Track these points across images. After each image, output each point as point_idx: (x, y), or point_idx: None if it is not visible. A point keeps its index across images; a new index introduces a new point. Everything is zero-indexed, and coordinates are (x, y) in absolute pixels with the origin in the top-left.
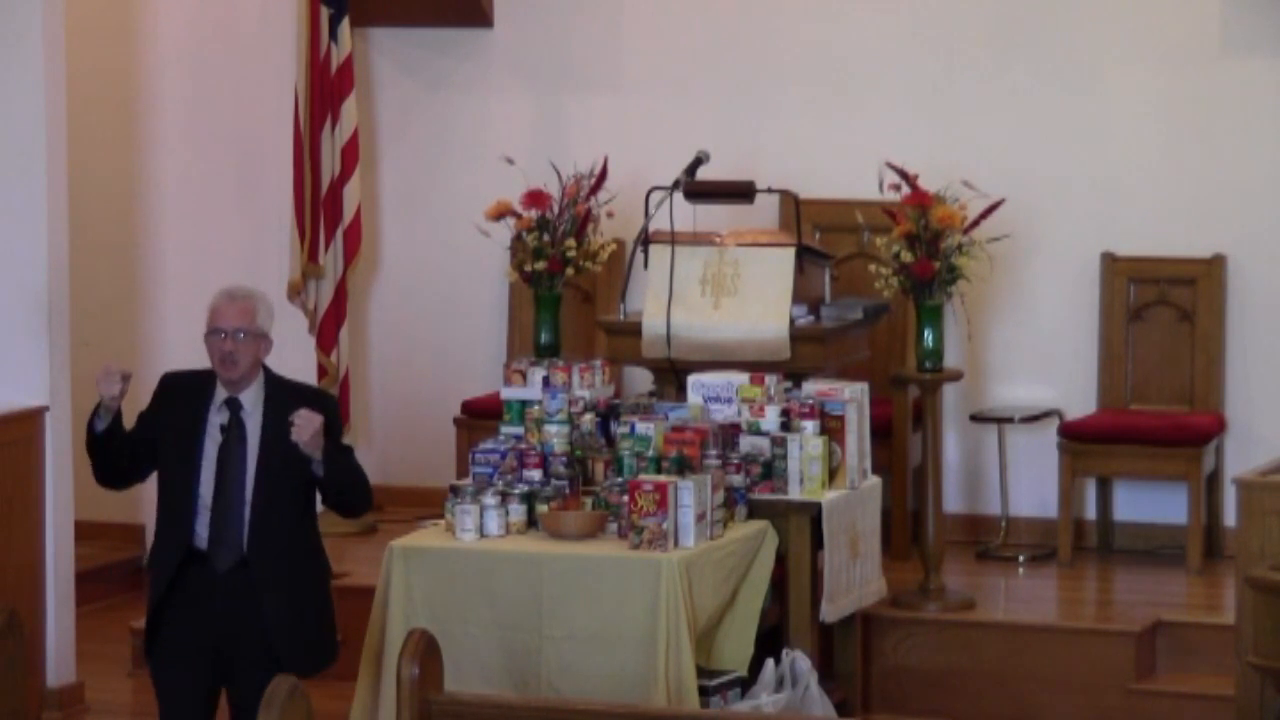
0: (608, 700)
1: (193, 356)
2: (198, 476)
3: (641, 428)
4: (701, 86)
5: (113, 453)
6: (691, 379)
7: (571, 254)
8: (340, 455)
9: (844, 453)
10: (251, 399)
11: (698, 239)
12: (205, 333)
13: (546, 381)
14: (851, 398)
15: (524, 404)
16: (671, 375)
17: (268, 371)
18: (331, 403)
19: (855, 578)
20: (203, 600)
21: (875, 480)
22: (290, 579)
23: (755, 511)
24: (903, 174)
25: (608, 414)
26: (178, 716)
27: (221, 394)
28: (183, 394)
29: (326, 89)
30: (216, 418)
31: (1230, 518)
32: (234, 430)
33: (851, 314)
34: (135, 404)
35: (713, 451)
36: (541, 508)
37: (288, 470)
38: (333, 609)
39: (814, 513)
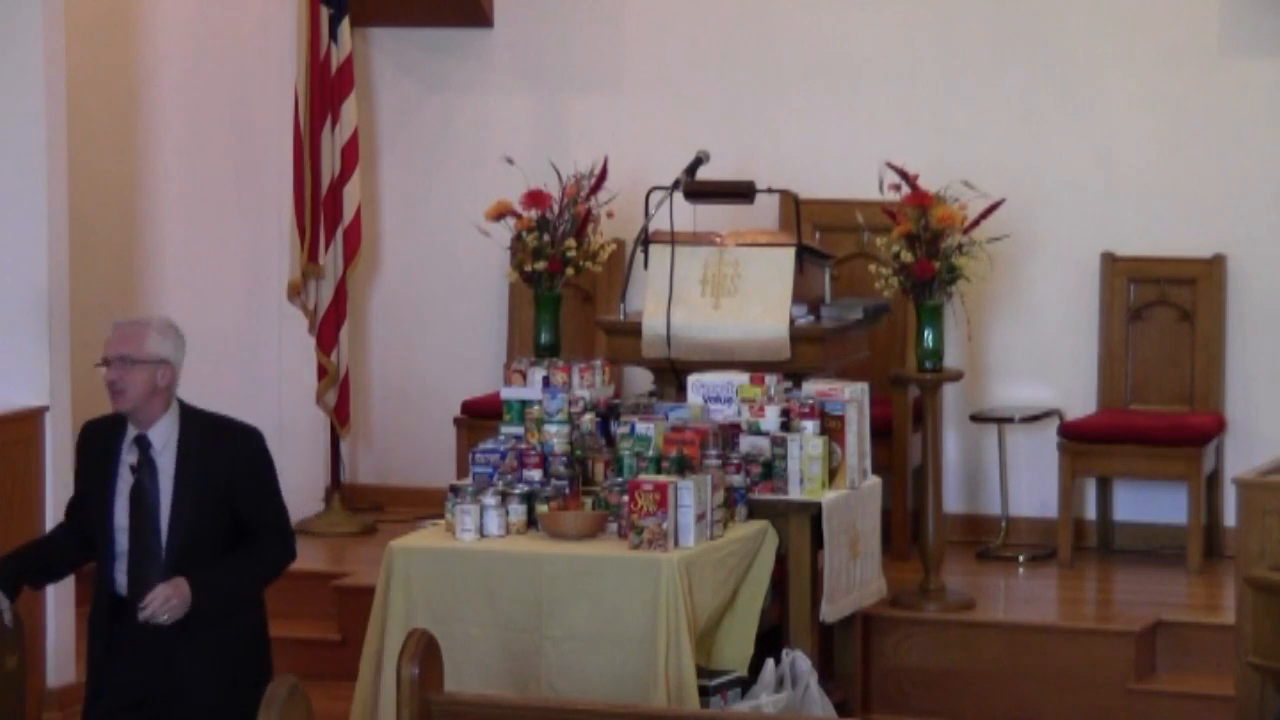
0: (608, 700)
1: (192, 357)
2: (112, 522)
3: (641, 428)
4: (701, 86)
5: (48, 572)
6: (691, 379)
7: (571, 254)
8: (225, 572)
9: (844, 453)
10: (163, 435)
11: (698, 239)
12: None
13: (546, 381)
14: (851, 398)
15: (524, 404)
16: (671, 375)
17: (183, 405)
18: (253, 441)
19: (855, 578)
20: (129, 652)
21: (875, 480)
22: (212, 628)
23: (755, 511)
24: (903, 174)
25: (608, 414)
26: None
27: (133, 432)
28: (97, 439)
29: (326, 89)
30: (128, 458)
31: (1230, 518)
32: (144, 469)
33: (851, 314)
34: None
35: (713, 451)
36: (541, 508)
37: (207, 509)
38: (268, 657)
39: (814, 513)
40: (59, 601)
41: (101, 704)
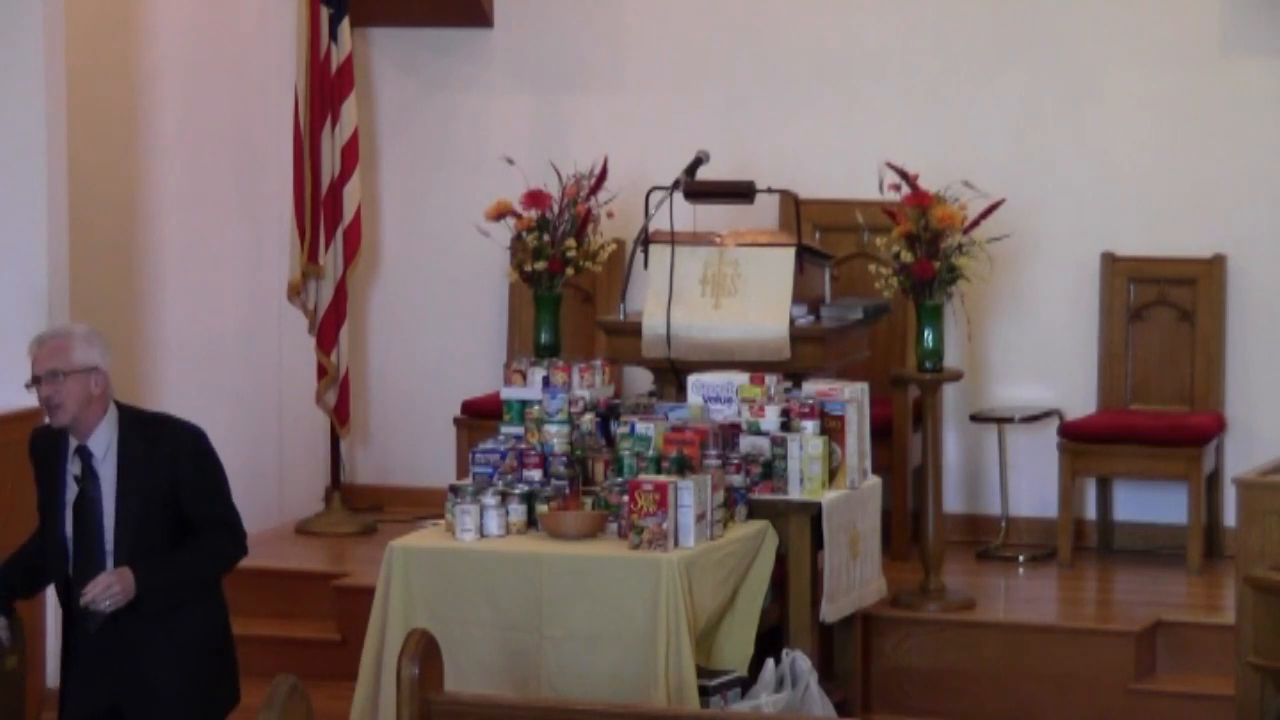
0: (608, 700)
1: (193, 357)
2: (63, 531)
3: (641, 428)
4: (701, 86)
5: (34, 577)
6: (691, 379)
7: (571, 254)
8: (169, 562)
9: (844, 453)
10: (103, 443)
11: (698, 239)
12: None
13: (546, 381)
14: (851, 398)
15: (524, 404)
16: (671, 375)
17: (121, 408)
18: (193, 439)
19: (855, 578)
20: (90, 660)
21: (875, 480)
22: (170, 629)
23: (755, 511)
24: (903, 174)
25: (608, 414)
26: None
27: (74, 443)
28: (44, 449)
29: (326, 89)
30: (71, 468)
31: (1230, 518)
32: (87, 480)
33: (851, 314)
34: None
35: (713, 451)
36: (541, 508)
37: (150, 517)
38: (232, 653)
39: (814, 513)
40: (59, 601)
41: (71, 709)
